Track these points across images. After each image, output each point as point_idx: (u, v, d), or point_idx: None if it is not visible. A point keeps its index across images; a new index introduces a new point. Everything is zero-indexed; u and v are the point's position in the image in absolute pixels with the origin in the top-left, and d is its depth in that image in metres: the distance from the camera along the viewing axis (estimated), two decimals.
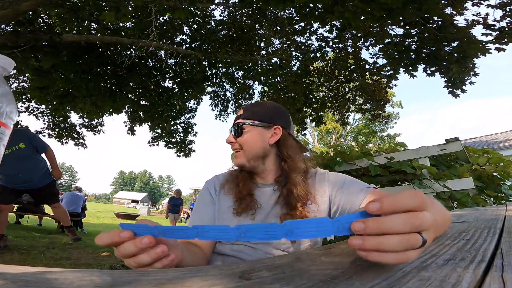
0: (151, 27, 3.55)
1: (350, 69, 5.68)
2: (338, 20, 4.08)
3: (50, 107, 5.41)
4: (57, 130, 6.66)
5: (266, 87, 6.45)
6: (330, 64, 5.94)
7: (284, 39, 5.58)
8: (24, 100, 5.98)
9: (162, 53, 5.39)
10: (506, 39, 3.25)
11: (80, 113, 5.90)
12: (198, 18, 5.47)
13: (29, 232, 4.69)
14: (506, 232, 0.54)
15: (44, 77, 4.22)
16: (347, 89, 6.07)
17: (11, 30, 3.76)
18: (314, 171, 0.82)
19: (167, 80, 5.97)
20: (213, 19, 5.73)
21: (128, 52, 4.83)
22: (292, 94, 5.93)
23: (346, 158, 2.41)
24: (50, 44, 3.85)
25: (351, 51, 5.50)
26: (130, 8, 3.87)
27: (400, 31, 4.12)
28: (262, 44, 5.90)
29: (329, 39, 5.34)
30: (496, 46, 3.32)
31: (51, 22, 4.81)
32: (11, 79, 5.44)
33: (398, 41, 4.09)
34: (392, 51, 4.16)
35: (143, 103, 5.95)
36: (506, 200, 2.12)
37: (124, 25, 5.09)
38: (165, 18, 5.23)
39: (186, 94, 6.06)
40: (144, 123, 6.36)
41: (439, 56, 3.76)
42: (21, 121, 6.44)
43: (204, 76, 5.93)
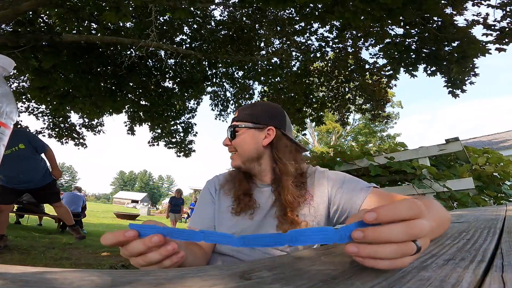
0: (151, 27, 3.55)
1: (350, 69, 5.68)
2: (338, 20, 4.08)
3: (50, 107, 5.41)
4: (57, 130, 6.66)
5: (266, 87, 6.45)
6: (330, 64, 5.94)
7: (284, 39, 5.57)
8: (24, 100, 5.97)
9: (162, 53, 5.39)
10: (506, 39, 3.25)
11: (80, 113, 5.90)
12: (198, 18, 5.47)
13: (29, 232, 4.69)
14: (506, 232, 0.54)
15: (44, 77, 4.21)
16: (347, 89, 6.07)
17: (11, 30, 3.76)
18: (313, 170, 0.81)
19: (167, 80, 5.97)
20: (213, 19, 5.73)
21: (128, 52, 4.83)
22: (292, 94, 5.93)
23: (346, 158, 2.41)
24: (50, 44, 3.85)
25: (351, 51, 5.50)
26: (130, 8, 3.87)
27: (400, 31, 4.13)
28: (262, 44, 5.90)
29: (329, 39, 5.34)
30: (497, 46, 3.33)
31: (51, 22, 4.80)
32: (11, 79, 5.44)
33: (398, 41, 4.09)
34: (392, 51, 4.15)
35: (143, 103, 5.94)
36: (506, 200, 2.12)
37: (124, 25, 5.09)
38: (165, 18, 5.23)
39: (186, 94, 6.06)
40: (144, 123, 6.36)
41: (439, 56, 3.75)
42: (21, 121, 6.44)
43: (204, 76, 5.93)
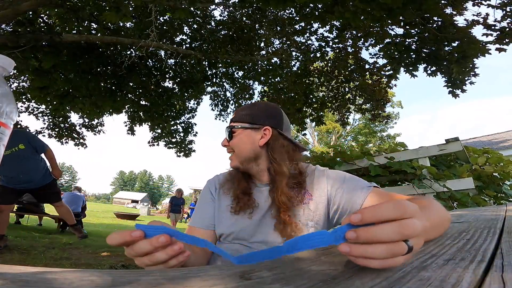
0: (151, 27, 3.55)
1: (350, 69, 5.68)
2: (338, 20, 4.07)
3: (50, 107, 5.40)
4: (57, 130, 6.65)
5: (266, 87, 6.44)
6: (330, 64, 5.94)
7: (284, 39, 5.57)
8: (24, 100, 5.97)
9: (162, 53, 5.38)
10: (507, 39, 3.25)
11: (80, 113, 5.90)
12: (198, 18, 5.46)
13: (29, 232, 4.69)
14: (506, 232, 0.54)
15: (44, 77, 4.21)
16: (347, 89, 6.07)
17: (11, 30, 3.76)
18: (313, 169, 0.81)
19: (167, 80, 5.96)
20: (213, 19, 5.72)
21: (128, 52, 4.83)
22: (292, 94, 5.93)
23: (346, 158, 2.41)
24: (50, 44, 3.85)
25: (351, 51, 5.49)
26: (130, 8, 3.87)
27: (400, 31, 4.12)
28: (262, 44, 5.89)
29: (329, 39, 5.33)
30: (497, 46, 3.32)
31: (51, 22, 4.80)
32: (11, 79, 5.44)
33: (398, 41, 4.08)
34: (392, 51, 4.15)
35: (143, 103, 5.94)
36: (506, 200, 2.12)
37: (124, 25, 5.09)
38: (165, 18, 5.22)
39: (186, 94, 6.05)
40: (144, 123, 6.35)
41: (439, 56, 3.75)
42: (21, 121, 6.43)
43: (204, 76, 5.92)
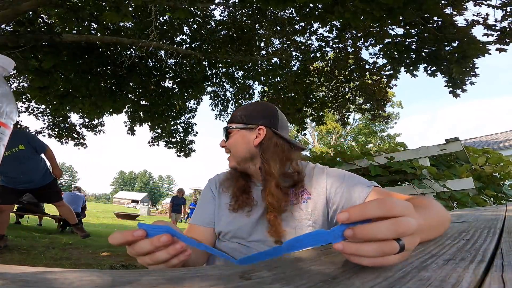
0: (151, 27, 3.55)
1: (350, 69, 5.68)
2: (338, 20, 4.07)
3: (50, 107, 5.41)
4: (57, 130, 6.65)
5: (266, 87, 6.45)
6: (330, 64, 5.94)
7: (284, 39, 5.57)
8: (24, 100, 5.96)
9: (162, 53, 5.38)
10: (507, 39, 3.25)
11: (80, 113, 5.90)
12: (198, 18, 5.46)
13: (29, 232, 4.69)
14: (506, 232, 0.54)
15: (44, 77, 4.21)
16: (347, 89, 6.07)
17: (11, 30, 3.76)
18: (312, 167, 0.81)
19: (167, 80, 5.96)
20: (213, 19, 5.72)
21: (128, 52, 4.83)
22: (292, 94, 5.93)
23: (346, 158, 2.42)
24: (50, 44, 3.85)
25: (351, 51, 5.49)
26: (130, 8, 3.87)
27: (400, 31, 4.12)
28: (262, 44, 5.89)
29: (329, 39, 5.33)
30: (497, 46, 3.32)
31: (51, 22, 4.80)
32: (11, 79, 5.44)
33: (398, 41, 4.08)
34: (392, 51, 4.15)
35: (143, 103, 5.94)
36: (506, 200, 2.12)
37: (124, 25, 5.09)
38: (165, 18, 5.22)
39: (186, 94, 6.05)
40: (144, 123, 6.35)
41: (439, 56, 3.75)
42: (21, 121, 6.43)
43: (204, 76, 5.92)
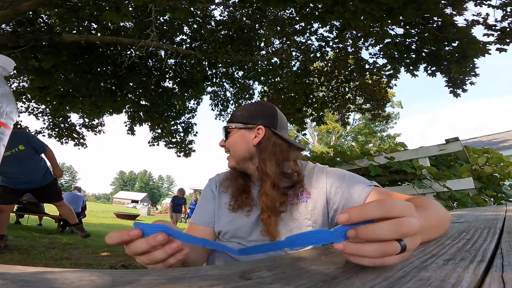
0: (151, 27, 3.55)
1: (350, 69, 5.68)
2: (338, 20, 4.07)
3: (50, 107, 5.41)
4: (57, 130, 6.65)
5: (266, 87, 6.45)
6: (330, 64, 5.94)
7: (284, 39, 5.57)
8: (24, 100, 5.97)
9: (162, 53, 5.38)
10: (507, 39, 3.25)
11: (80, 113, 5.90)
12: (198, 18, 5.46)
13: (29, 232, 4.69)
14: (506, 232, 0.54)
15: (44, 77, 4.21)
16: (347, 89, 6.07)
17: (11, 30, 3.76)
18: (312, 166, 0.81)
19: (167, 80, 5.96)
20: (213, 19, 5.72)
21: (128, 52, 4.83)
22: (292, 94, 5.93)
23: (346, 158, 2.42)
24: (50, 44, 3.85)
25: (351, 51, 5.49)
26: (130, 8, 3.87)
27: (400, 31, 4.12)
28: (262, 44, 5.89)
29: (329, 39, 5.33)
30: (497, 46, 3.32)
31: (51, 22, 4.80)
32: (11, 79, 5.44)
33: (398, 41, 4.08)
34: (392, 51, 4.15)
35: (143, 103, 5.94)
36: (506, 200, 2.12)
37: (124, 25, 5.09)
38: (165, 18, 5.22)
39: (186, 94, 6.05)
40: (144, 123, 6.36)
41: (440, 56, 3.75)
42: (21, 121, 6.43)
43: (204, 76, 5.92)
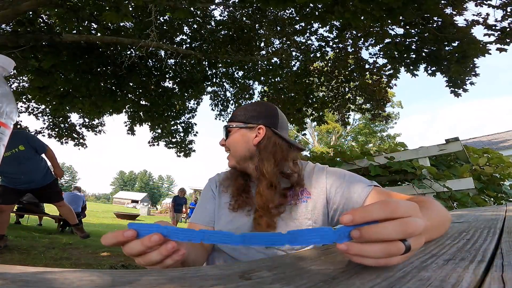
0: (151, 27, 3.55)
1: (350, 69, 5.68)
2: (338, 20, 4.08)
3: (50, 107, 5.41)
4: (57, 130, 6.65)
5: (266, 87, 6.45)
6: (330, 64, 5.94)
7: (284, 39, 5.57)
8: (24, 100, 5.97)
9: (162, 53, 5.38)
10: (507, 39, 3.25)
11: (80, 113, 5.90)
12: (198, 18, 5.46)
13: (29, 232, 4.69)
14: (506, 232, 0.54)
15: (44, 77, 4.21)
16: (347, 89, 6.07)
17: (11, 30, 3.76)
18: (312, 166, 0.81)
19: (167, 80, 5.96)
20: (213, 19, 5.73)
21: (128, 52, 4.83)
22: (292, 94, 5.93)
23: (346, 158, 2.42)
24: (50, 44, 3.85)
25: (351, 51, 5.49)
26: (130, 8, 3.87)
27: (400, 31, 4.12)
28: (262, 44, 5.89)
29: (329, 39, 5.33)
30: (498, 46, 3.32)
31: (51, 22, 4.80)
32: (11, 79, 5.44)
33: (398, 41, 4.09)
34: (392, 51, 4.15)
35: (143, 103, 5.94)
36: (506, 200, 2.12)
37: (124, 25, 5.09)
38: (165, 18, 5.23)
39: (186, 94, 6.05)
40: (144, 123, 6.36)
41: (440, 56, 3.75)
42: (21, 121, 6.43)
43: (204, 76, 5.92)
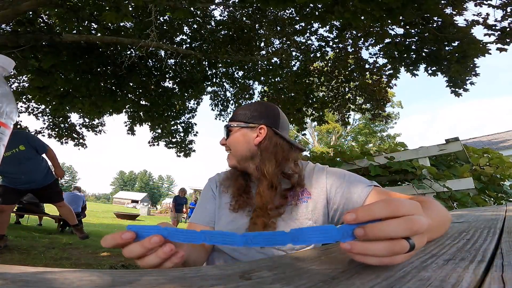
0: (151, 27, 3.54)
1: (350, 69, 5.68)
2: (338, 20, 4.08)
3: (50, 107, 5.41)
4: (57, 130, 6.65)
5: (266, 87, 6.45)
6: (330, 64, 5.94)
7: (284, 39, 5.57)
8: (24, 100, 5.97)
9: (162, 53, 5.38)
10: (507, 39, 3.25)
11: (80, 113, 5.90)
12: (198, 18, 5.47)
13: (29, 232, 4.69)
14: (506, 232, 0.54)
15: (44, 77, 4.21)
16: (347, 89, 6.07)
17: (11, 30, 3.76)
18: (312, 166, 0.81)
19: (167, 80, 5.97)
20: (213, 19, 5.73)
21: (128, 52, 4.83)
22: (292, 94, 5.93)
23: (346, 158, 2.41)
24: (50, 44, 3.85)
25: (351, 51, 5.50)
26: (130, 8, 3.87)
27: (400, 31, 4.13)
28: (262, 44, 5.89)
29: (329, 39, 5.33)
30: (498, 46, 3.33)
31: (51, 22, 4.80)
32: (11, 79, 5.44)
33: (398, 41, 4.09)
34: (392, 51, 4.16)
35: (143, 103, 5.94)
36: (506, 200, 2.12)
37: (124, 25, 5.09)
38: (165, 18, 5.23)
39: (186, 94, 6.05)
40: (144, 123, 6.36)
41: (440, 56, 3.75)
42: (21, 121, 6.43)
43: (204, 76, 5.93)
